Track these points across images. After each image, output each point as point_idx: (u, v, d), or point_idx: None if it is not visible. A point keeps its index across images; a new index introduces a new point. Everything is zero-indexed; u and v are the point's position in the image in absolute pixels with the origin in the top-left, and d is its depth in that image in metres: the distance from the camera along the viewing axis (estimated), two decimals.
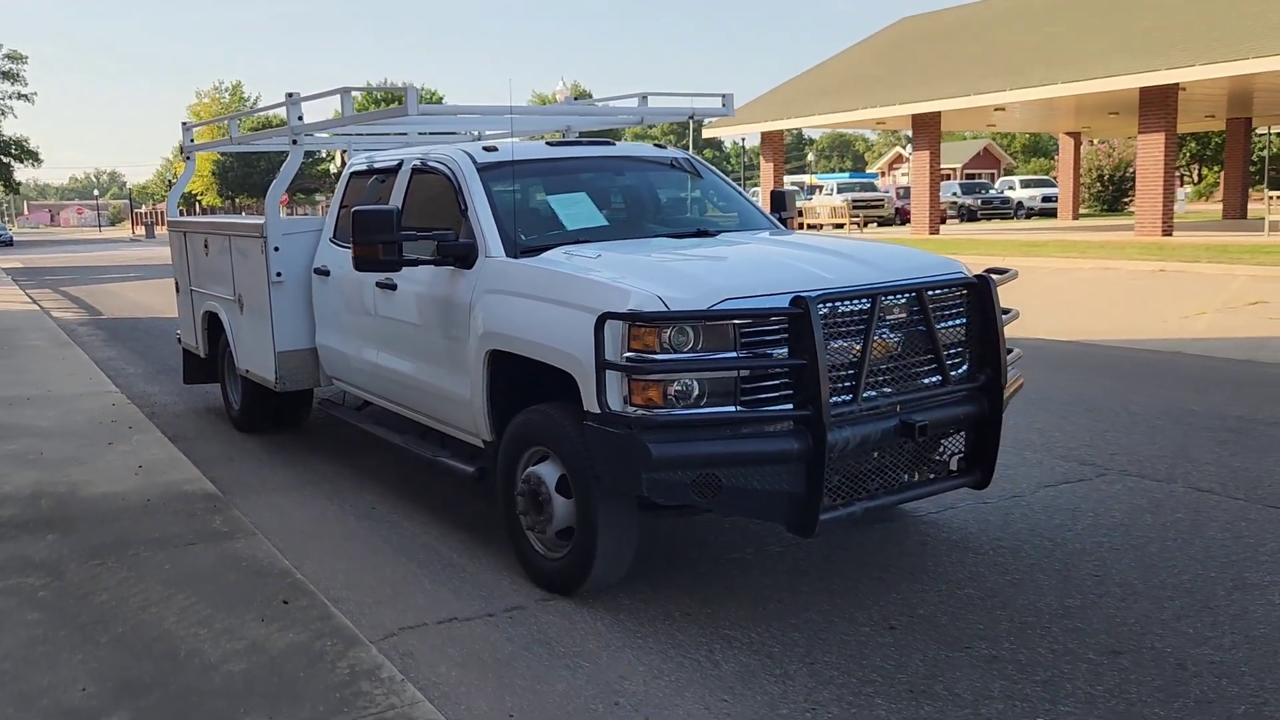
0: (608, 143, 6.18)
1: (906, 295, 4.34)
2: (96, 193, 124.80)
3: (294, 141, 6.90)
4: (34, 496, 6.00)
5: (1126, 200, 41.38)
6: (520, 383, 4.84)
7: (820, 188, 41.11)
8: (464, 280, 5.14)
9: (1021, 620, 4.19)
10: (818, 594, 4.54)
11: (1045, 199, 40.91)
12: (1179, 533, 5.13)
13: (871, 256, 4.76)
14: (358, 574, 5.03)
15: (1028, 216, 40.78)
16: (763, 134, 32.02)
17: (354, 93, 6.13)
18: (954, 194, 42.60)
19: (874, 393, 4.25)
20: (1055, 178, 44.23)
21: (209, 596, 4.41)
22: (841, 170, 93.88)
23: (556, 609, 4.49)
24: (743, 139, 52.06)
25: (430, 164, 5.75)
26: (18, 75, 77.98)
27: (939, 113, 26.31)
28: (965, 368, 4.60)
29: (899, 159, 77.25)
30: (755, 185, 42.85)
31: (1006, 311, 5.20)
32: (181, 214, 10.32)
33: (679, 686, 3.76)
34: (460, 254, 5.16)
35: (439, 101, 73.24)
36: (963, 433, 4.64)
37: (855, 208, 36.86)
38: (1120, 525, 5.28)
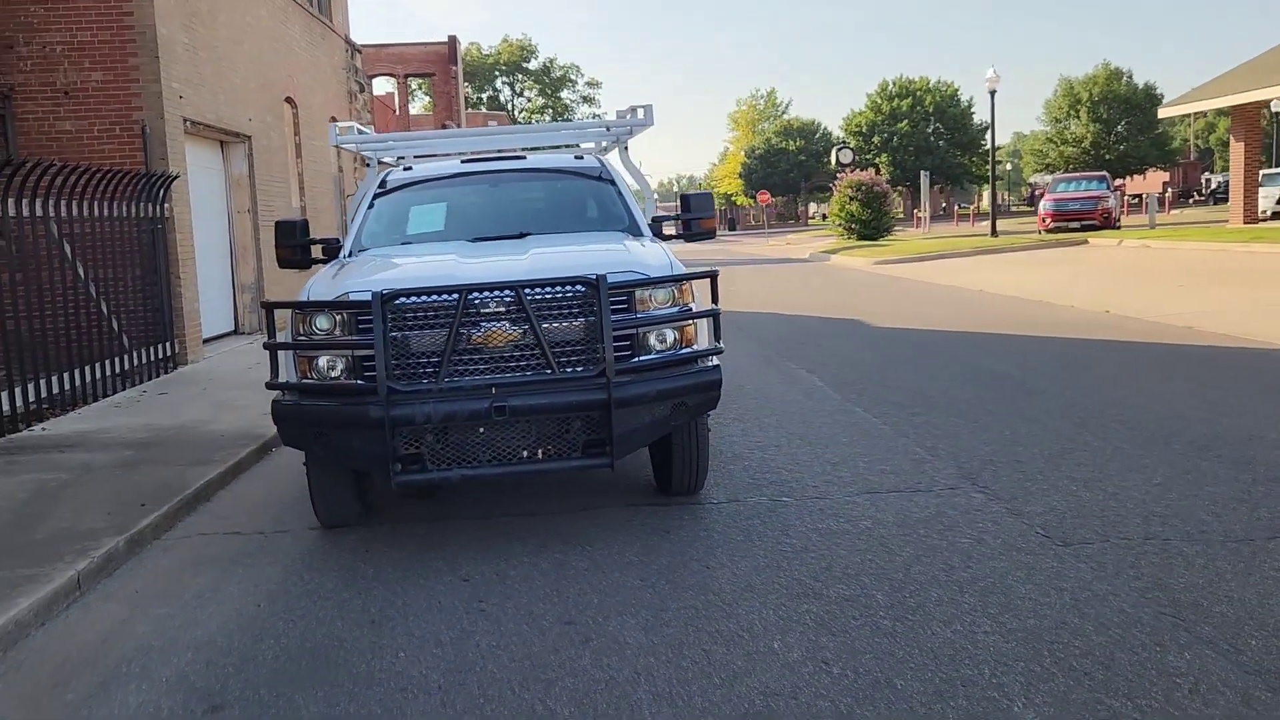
0: (519, 157, 7.13)
1: (501, 293, 4.91)
2: (675, 191, 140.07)
3: (366, 163, 8.70)
4: (170, 429, 8.48)
5: None
6: None
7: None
8: None
9: (556, 579, 4.63)
10: (476, 550, 5.26)
11: None
12: (869, 541, 4.94)
13: (548, 259, 5.35)
14: (254, 495, 6.68)
15: None
16: (1232, 109, 27.77)
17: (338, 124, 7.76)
18: None
19: (463, 378, 4.92)
20: None
21: (113, 496, 6.32)
22: None
23: (307, 534, 5.74)
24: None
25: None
26: (594, 99, 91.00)
27: None
28: (586, 361, 4.98)
29: None
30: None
31: (708, 309, 5.36)
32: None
33: (313, 583, 4.89)
34: (333, 254, 6.57)
35: None
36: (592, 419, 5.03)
37: None
38: (830, 531, 5.19)
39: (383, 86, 46.68)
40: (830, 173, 71.73)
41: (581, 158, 7.26)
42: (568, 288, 4.97)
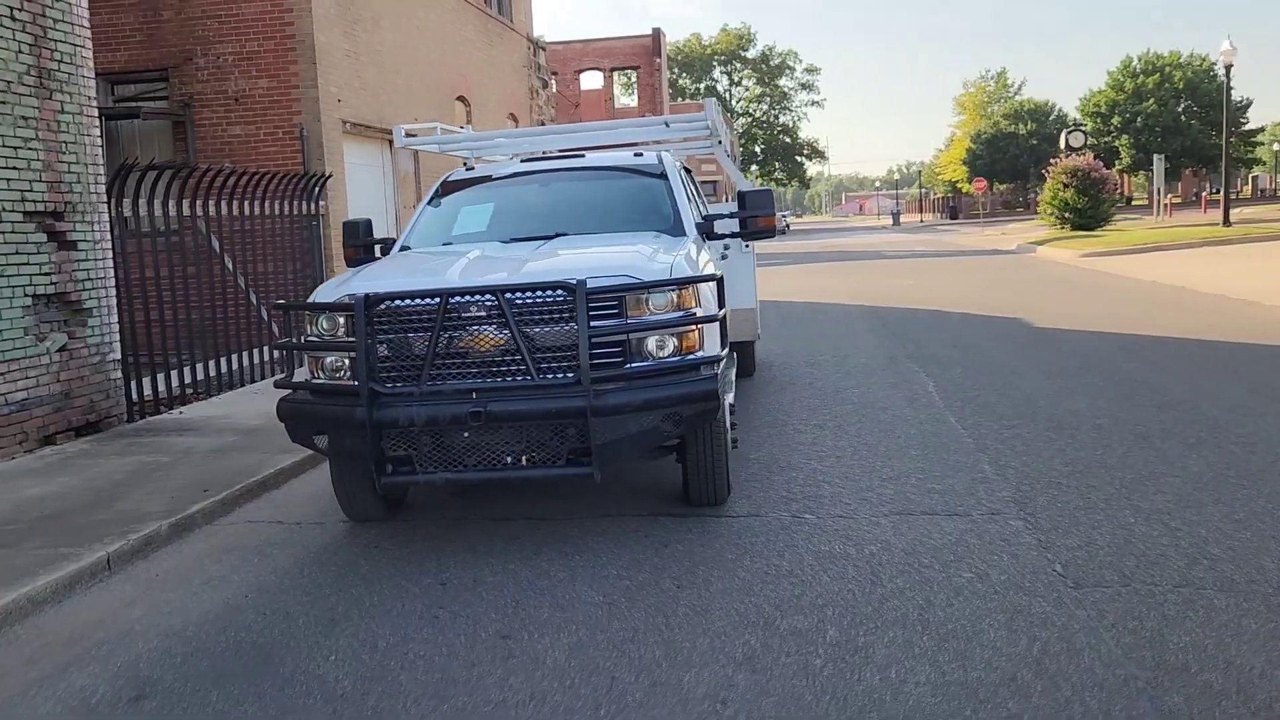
0: (578, 155, 7.05)
1: (482, 297, 4.86)
2: (896, 179, 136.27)
3: (466, 165, 8.87)
4: None
5: None
6: None
7: None
8: None
9: (526, 589, 4.56)
10: (475, 552, 5.26)
11: None
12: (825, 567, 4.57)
13: (547, 263, 5.26)
14: (318, 485, 6.92)
15: None
16: None
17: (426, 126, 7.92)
18: None
19: (443, 381, 4.91)
20: None
21: (191, 480, 6.74)
22: None
23: (336, 527, 5.91)
24: None
25: None
26: (812, 85, 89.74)
27: None
28: (570, 367, 4.85)
29: None
30: None
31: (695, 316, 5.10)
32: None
33: (308, 576, 5.07)
34: (387, 252, 6.75)
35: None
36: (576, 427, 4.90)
37: None
38: (830, 554, 4.84)
39: (595, 80, 47.81)
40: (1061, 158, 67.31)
41: (641, 154, 7.11)
42: (547, 293, 4.87)
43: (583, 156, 7.21)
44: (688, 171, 8.33)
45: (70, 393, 8.32)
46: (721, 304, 5.23)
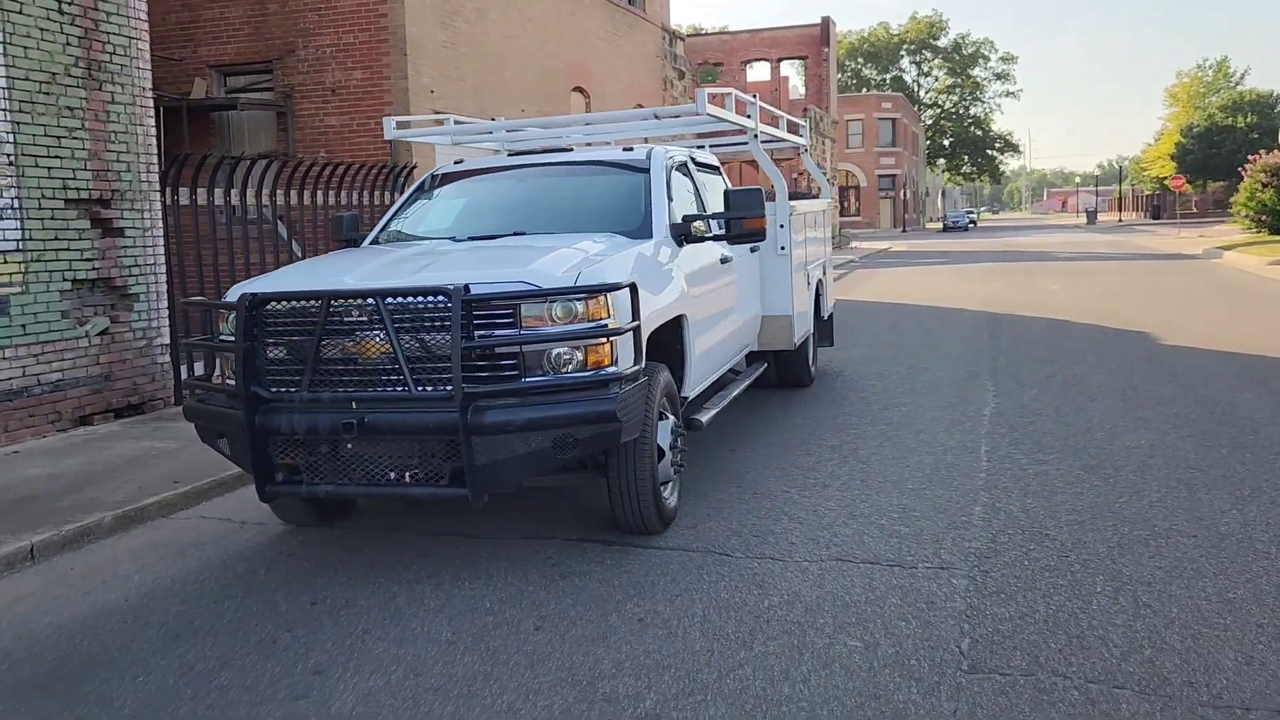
0: (567, 150, 6.63)
1: (363, 301, 4.55)
2: (1097, 175, 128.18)
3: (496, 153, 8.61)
4: None
5: None
6: None
7: None
8: None
9: (388, 616, 4.25)
10: (376, 569, 4.98)
11: None
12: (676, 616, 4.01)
13: (448, 265, 4.94)
14: None
15: None
16: None
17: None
18: None
19: (324, 389, 4.63)
20: None
21: (173, 470, 6.77)
22: None
23: (273, 529, 5.77)
24: None
25: None
26: (1008, 75, 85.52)
27: None
28: (446, 380, 4.48)
29: None
30: None
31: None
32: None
33: (199, 584, 4.97)
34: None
35: None
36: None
37: None
38: (726, 604, 4.28)
39: (764, 71, 46.89)
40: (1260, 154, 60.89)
41: (631, 149, 6.61)
42: (427, 299, 4.51)
43: (570, 151, 6.82)
44: (713, 168, 7.79)
45: (111, 375, 8.57)
46: (636, 315, 4.72)
